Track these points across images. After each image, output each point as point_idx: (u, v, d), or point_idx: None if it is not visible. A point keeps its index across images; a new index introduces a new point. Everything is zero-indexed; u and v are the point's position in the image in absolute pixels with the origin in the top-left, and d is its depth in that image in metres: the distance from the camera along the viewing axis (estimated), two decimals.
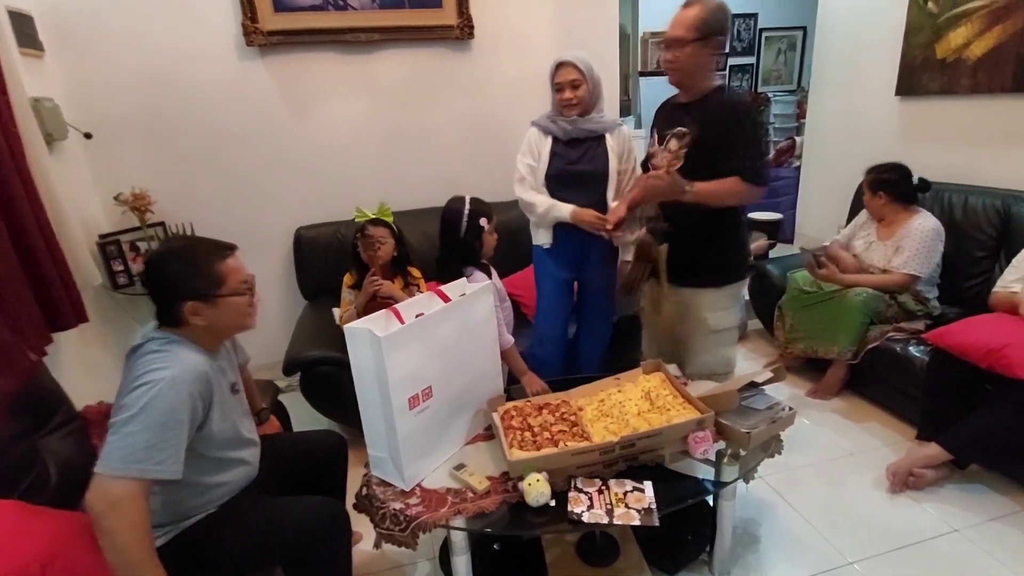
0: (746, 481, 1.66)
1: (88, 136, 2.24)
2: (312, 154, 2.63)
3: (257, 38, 2.37)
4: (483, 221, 1.70)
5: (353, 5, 2.46)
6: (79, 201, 2.21)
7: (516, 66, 2.72)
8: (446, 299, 1.43)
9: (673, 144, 1.53)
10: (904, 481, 1.78)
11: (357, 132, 2.66)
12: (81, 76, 2.26)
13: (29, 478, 1.30)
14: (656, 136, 1.67)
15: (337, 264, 2.38)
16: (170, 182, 2.47)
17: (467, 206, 1.69)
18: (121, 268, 2.24)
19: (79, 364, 2.01)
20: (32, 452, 1.36)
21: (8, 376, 1.34)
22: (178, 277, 1.13)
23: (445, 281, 1.54)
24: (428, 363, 1.32)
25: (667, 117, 1.71)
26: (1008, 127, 2.34)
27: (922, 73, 2.63)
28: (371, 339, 1.22)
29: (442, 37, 2.58)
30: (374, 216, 2.02)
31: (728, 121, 1.56)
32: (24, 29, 1.98)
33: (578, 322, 2.14)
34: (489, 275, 1.75)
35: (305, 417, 2.16)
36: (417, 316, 1.33)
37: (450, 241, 1.72)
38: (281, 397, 1.91)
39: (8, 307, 1.49)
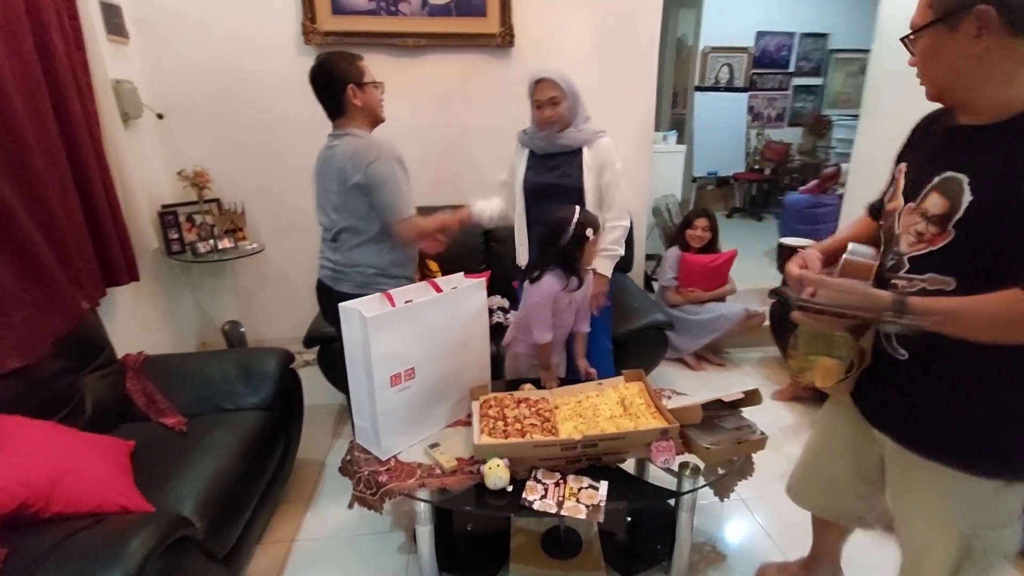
0: (721, 499, 1.66)
1: (160, 116, 2.52)
2: None
3: (315, 37, 2.58)
4: (589, 232, 1.65)
5: (404, 11, 2.62)
6: (147, 174, 2.48)
7: None
8: (439, 290, 1.54)
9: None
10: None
11: (399, 130, 2.79)
12: (159, 62, 2.53)
13: (68, 408, 1.52)
14: (903, 171, 1.03)
15: None
16: (227, 163, 2.72)
17: (576, 215, 1.63)
18: (176, 236, 2.50)
19: (129, 317, 2.26)
20: (73, 386, 1.58)
21: (60, 317, 1.57)
22: (341, 69, 1.64)
23: (523, 280, 1.69)
24: (413, 346, 1.44)
25: (937, 145, 0.97)
26: None
27: None
28: (360, 318, 1.34)
29: (484, 44, 2.70)
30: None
31: None
32: (112, 18, 2.26)
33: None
34: (581, 282, 1.70)
35: (319, 391, 2.33)
36: (407, 302, 1.44)
37: (550, 246, 1.66)
38: (300, 372, 2.08)
39: (71, 260, 1.73)
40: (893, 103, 3.02)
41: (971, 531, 0.94)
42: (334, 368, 2.29)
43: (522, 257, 2.01)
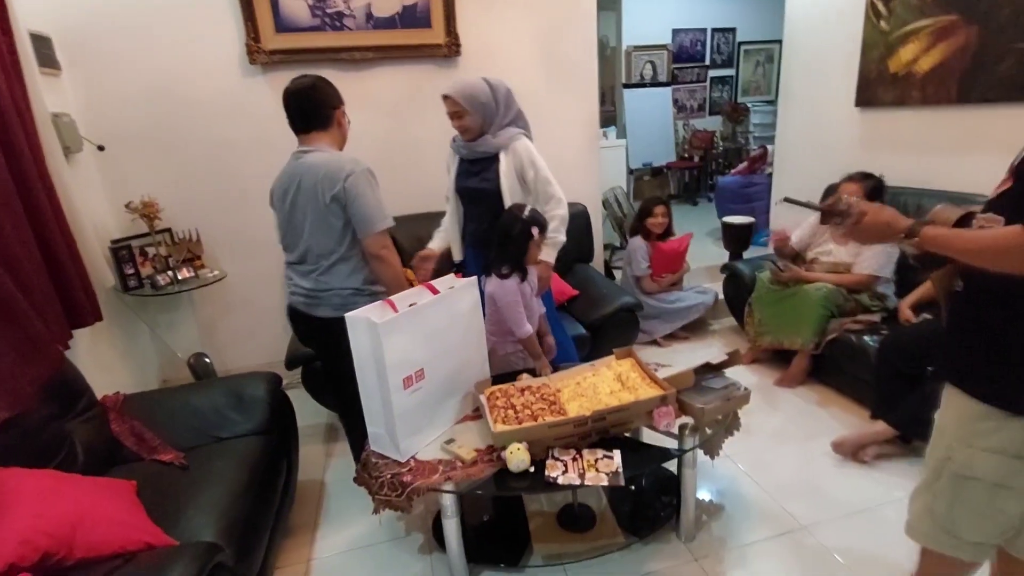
0: (712, 458, 1.81)
1: (101, 148, 2.40)
2: None
3: (260, 56, 2.54)
4: (535, 230, 1.77)
5: (349, 26, 2.64)
6: (92, 209, 2.36)
7: None
8: (435, 292, 1.59)
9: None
10: (851, 453, 1.97)
11: (352, 143, 2.82)
12: (94, 92, 2.41)
13: (61, 455, 1.45)
14: None
15: None
16: (176, 191, 2.62)
17: (525, 212, 1.77)
18: (132, 271, 2.39)
19: (91, 360, 2.14)
20: (61, 433, 1.51)
21: (41, 363, 1.49)
22: (332, 91, 1.70)
23: (488, 275, 1.77)
24: (420, 347, 1.49)
25: None
26: (953, 136, 2.55)
27: (878, 86, 2.85)
28: (369, 326, 1.38)
29: (431, 55, 2.76)
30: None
31: None
32: (43, 49, 2.15)
33: None
34: (525, 276, 1.80)
35: (308, 411, 2.31)
36: (411, 306, 1.49)
37: (502, 239, 1.78)
38: (286, 392, 2.05)
39: (36, 304, 1.64)
40: (805, 87, 3.36)
41: (956, 446, 1.03)
42: (320, 387, 2.28)
43: (457, 254, 2.15)
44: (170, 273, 2.46)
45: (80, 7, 2.33)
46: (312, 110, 1.67)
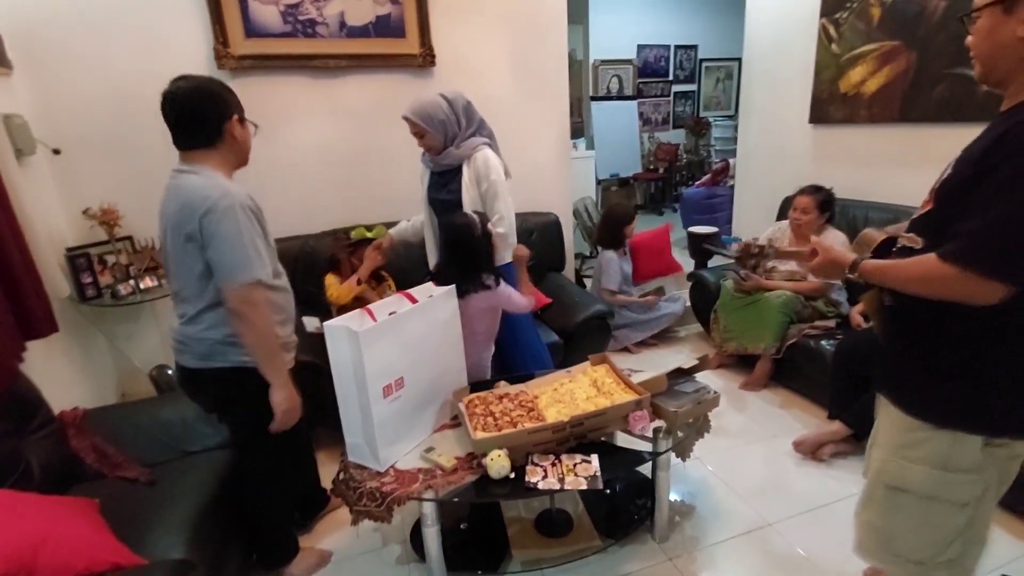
0: (683, 460, 1.87)
1: (57, 152, 2.30)
2: (280, 172, 2.74)
3: (229, 62, 2.49)
4: (491, 226, 1.84)
5: (322, 33, 2.62)
6: (46, 214, 2.25)
7: (473, 92, 2.86)
8: (413, 301, 1.59)
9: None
10: (810, 452, 2.08)
11: (324, 151, 2.80)
12: (49, 94, 2.31)
13: (16, 475, 1.38)
14: None
15: (305, 275, 2.50)
16: (137, 198, 2.52)
17: (476, 216, 1.82)
18: (90, 280, 2.28)
19: (46, 374, 2.04)
20: (16, 451, 1.44)
21: None
22: (226, 97, 1.42)
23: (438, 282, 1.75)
24: (400, 356, 1.48)
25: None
26: (897, 152, 2.73)
27: (829, 104, 3.02)
28: (348, 334, 1.37)
29: (405, 65, 2.77)
30: (371, 236, 2.28)
31: (983, 157, 0.90)
32: None
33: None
34: (498, 280, 1.84)
35: None
36: (390, 314, 1.49)
37: (465, 248, 1.78)
38: None
39: None
40: (763, 104, 3.53)
41: (889, 458, 1.09)
42: None
43: (432, 262, 2.19)
44: (131, 282, 2.37)
45: (35, 3, 2.24)
46: (193, 122, 1.37)
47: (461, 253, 1.80)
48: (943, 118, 2.48)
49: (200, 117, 1.37)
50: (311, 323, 2.20)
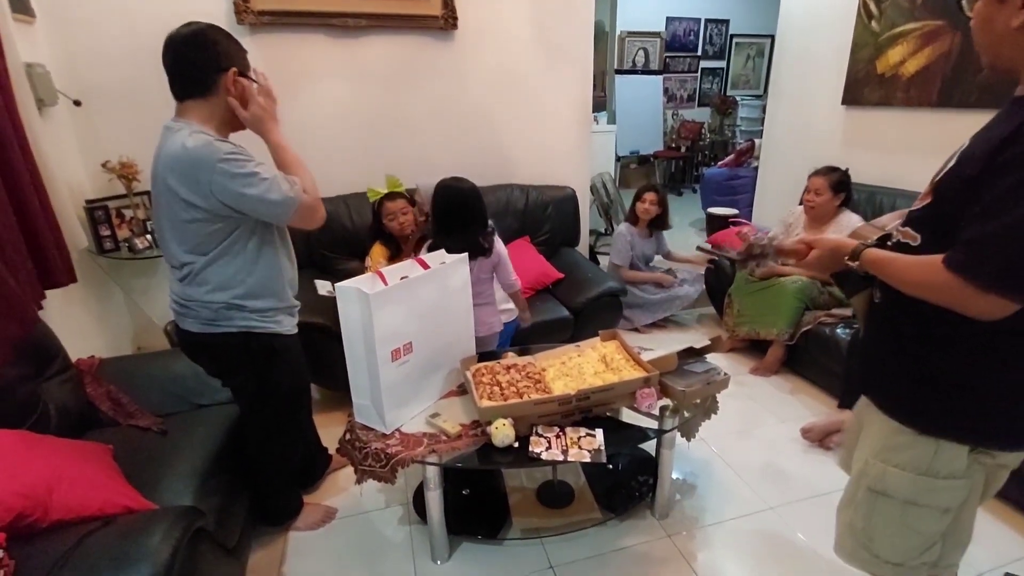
0: (688, 440, 1.87)
1: (78, 103, 2.30)
2: (297, 134, 2.69)
3: (248, 17, 2.45)
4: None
5: None
6: (66, 166, 2.27)
7: (495, 58, 2.87)
8: (426, 267, 1.59)
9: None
10: (817, 439, 2.06)
11: (342, 113, 2.77)
12: (73, 43, 2.30)
13: (34, 416, 1.42)
14: None
15: (319, 237, 2.50)
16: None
17: (467, 183, 1.87)
18: (108, 233, 2.31)
19: (64, 322, 2.08)
20: (35, 394, 1.47)
21: (16, 322, 1.44)
22: (228, 47, 1.31)
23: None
24: (409, 321, 1.48)
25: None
26: (932, 138, 2.62)
27: (864, 85, 2.90)
28: (359, 296, 1.37)
29: (427, 26, 2.71)
30: (387, 191, 2.19)
31: (995, 154, 0.82)
32: None
33: None
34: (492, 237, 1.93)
35: None
36: (402, 279, 1.48)
37: (464, 213, 1.85)
38: None
39: (9, 261, 1.58)
40: (795, 83, 3.40)
41: (871, 460, 1.05)
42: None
43: None
44: (148, 237, 2.39)
45: None
46: (188, 70, 1.28)
47: (458, 216, 1.83)
48: (984, 104, 2.37)
49: (193, 64, 1.28)
50: (323, 286, 2.20)
